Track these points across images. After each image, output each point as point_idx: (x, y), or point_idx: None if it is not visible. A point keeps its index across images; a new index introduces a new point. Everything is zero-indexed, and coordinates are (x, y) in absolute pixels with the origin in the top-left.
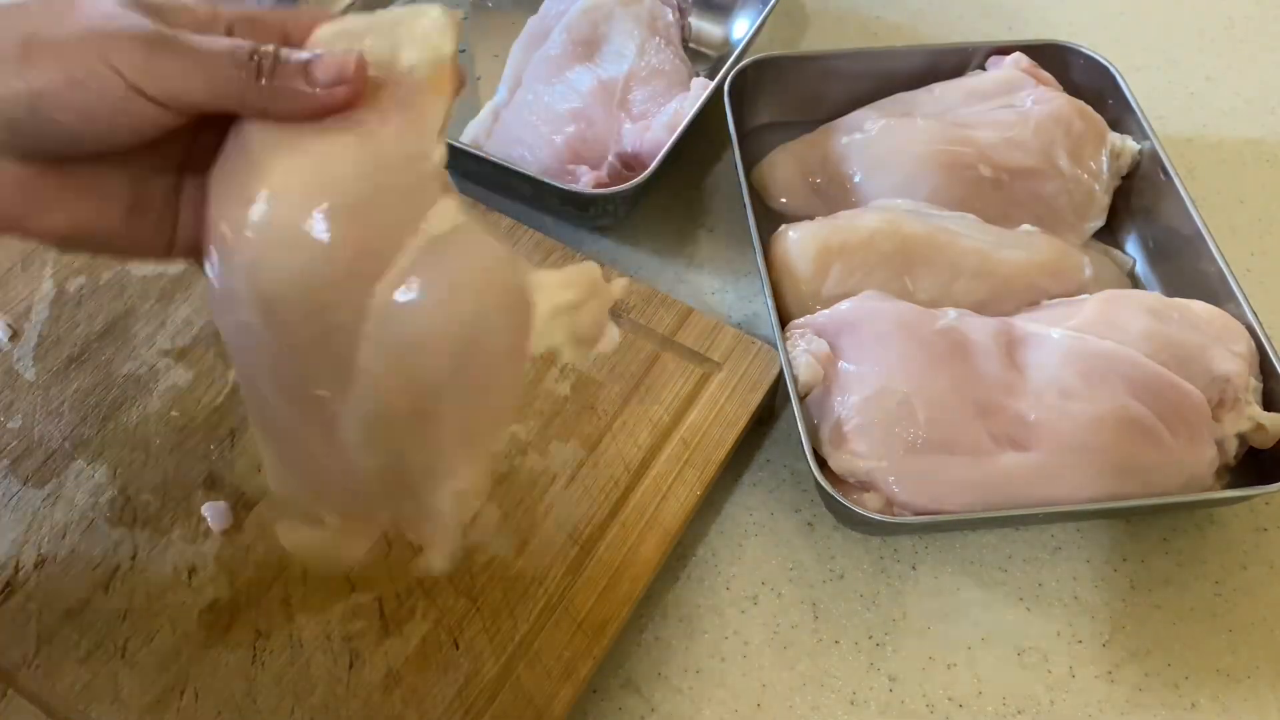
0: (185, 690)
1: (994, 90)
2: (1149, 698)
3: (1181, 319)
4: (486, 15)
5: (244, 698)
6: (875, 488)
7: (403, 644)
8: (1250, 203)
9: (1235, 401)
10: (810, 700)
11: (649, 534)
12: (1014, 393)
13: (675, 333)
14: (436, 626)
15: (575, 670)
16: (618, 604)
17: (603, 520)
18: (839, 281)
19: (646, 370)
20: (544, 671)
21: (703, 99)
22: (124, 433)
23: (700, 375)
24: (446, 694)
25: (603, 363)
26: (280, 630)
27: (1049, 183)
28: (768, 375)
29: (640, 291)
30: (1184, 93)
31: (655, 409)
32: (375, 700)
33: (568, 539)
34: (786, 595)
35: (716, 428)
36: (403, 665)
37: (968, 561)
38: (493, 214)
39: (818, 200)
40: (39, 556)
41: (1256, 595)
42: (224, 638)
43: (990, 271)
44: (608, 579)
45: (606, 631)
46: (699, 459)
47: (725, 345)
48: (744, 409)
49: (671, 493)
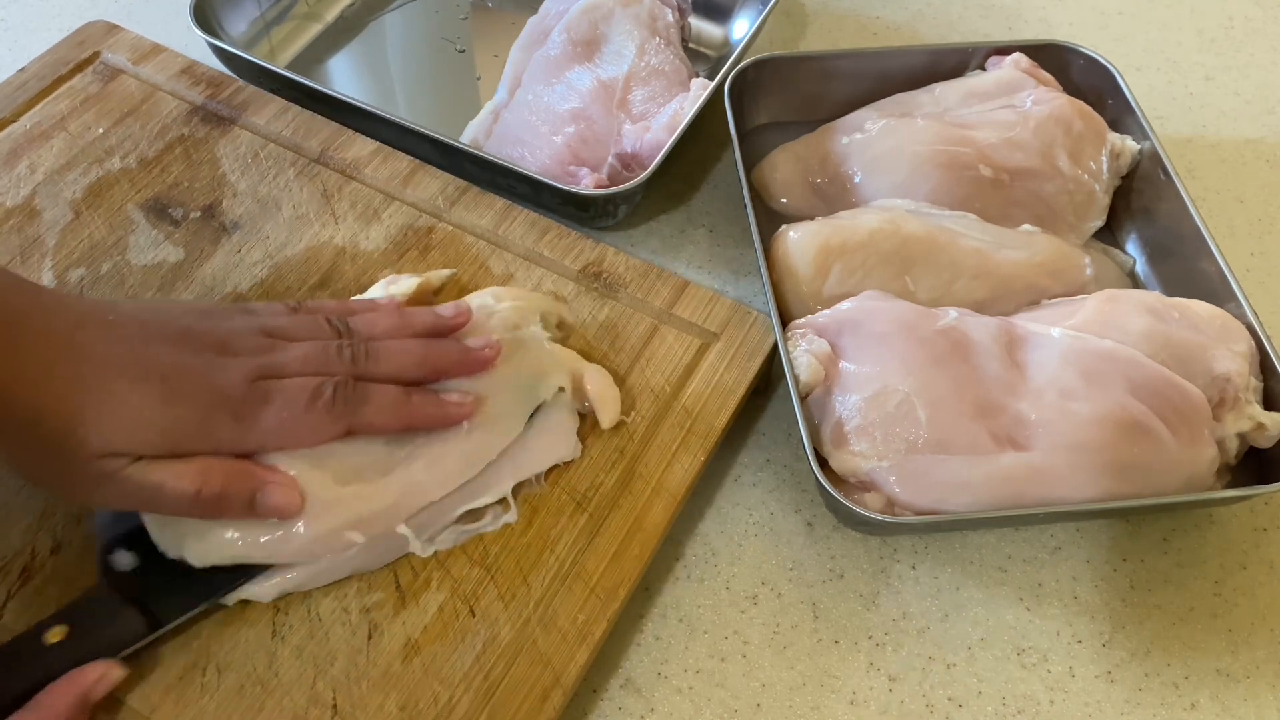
0: (208, 667)
1: (994, 90)
2: (1149, 698)
3: (1182, 318)
4: (486, 15)
5: (266, 671)
6: (876, 488)
7: (420, 614)
8: (1250, 203)
9: (1235, 401)
10: (810, 700)
11: (656, 500)
12: (1014, 392)
13: (673, 305)
14: (452, 596)
15: (590, 632)
16: (628, 567)
17: (610, 488)
18: (839, 281)
19: (646, 342)
20: (559, 635)
21: (703, 99)
22: None
23: (699, 346)
24: (465, 660)
25: (603, 337)
26: (297, 606)
27: (1049, 183)
28: (764, 344)
29: (636, 266)
30: (1184, 93)
31: (656, 379)
32: (395, 669)
33: (576, 507)
34: (786, 595)
35: (717, 396)
36: (421, 635)
37: (968, 561)
38: (486, 197)
39: (818, 200)
40: (54, 542)
41: (1256, 595)
42: (242, 615)
43: (990, 271)
44: (617, 544)
45: (618, 594)
46: (701, 426)
47: (722, 316)
48: (743, 377)
49: (676, 459)
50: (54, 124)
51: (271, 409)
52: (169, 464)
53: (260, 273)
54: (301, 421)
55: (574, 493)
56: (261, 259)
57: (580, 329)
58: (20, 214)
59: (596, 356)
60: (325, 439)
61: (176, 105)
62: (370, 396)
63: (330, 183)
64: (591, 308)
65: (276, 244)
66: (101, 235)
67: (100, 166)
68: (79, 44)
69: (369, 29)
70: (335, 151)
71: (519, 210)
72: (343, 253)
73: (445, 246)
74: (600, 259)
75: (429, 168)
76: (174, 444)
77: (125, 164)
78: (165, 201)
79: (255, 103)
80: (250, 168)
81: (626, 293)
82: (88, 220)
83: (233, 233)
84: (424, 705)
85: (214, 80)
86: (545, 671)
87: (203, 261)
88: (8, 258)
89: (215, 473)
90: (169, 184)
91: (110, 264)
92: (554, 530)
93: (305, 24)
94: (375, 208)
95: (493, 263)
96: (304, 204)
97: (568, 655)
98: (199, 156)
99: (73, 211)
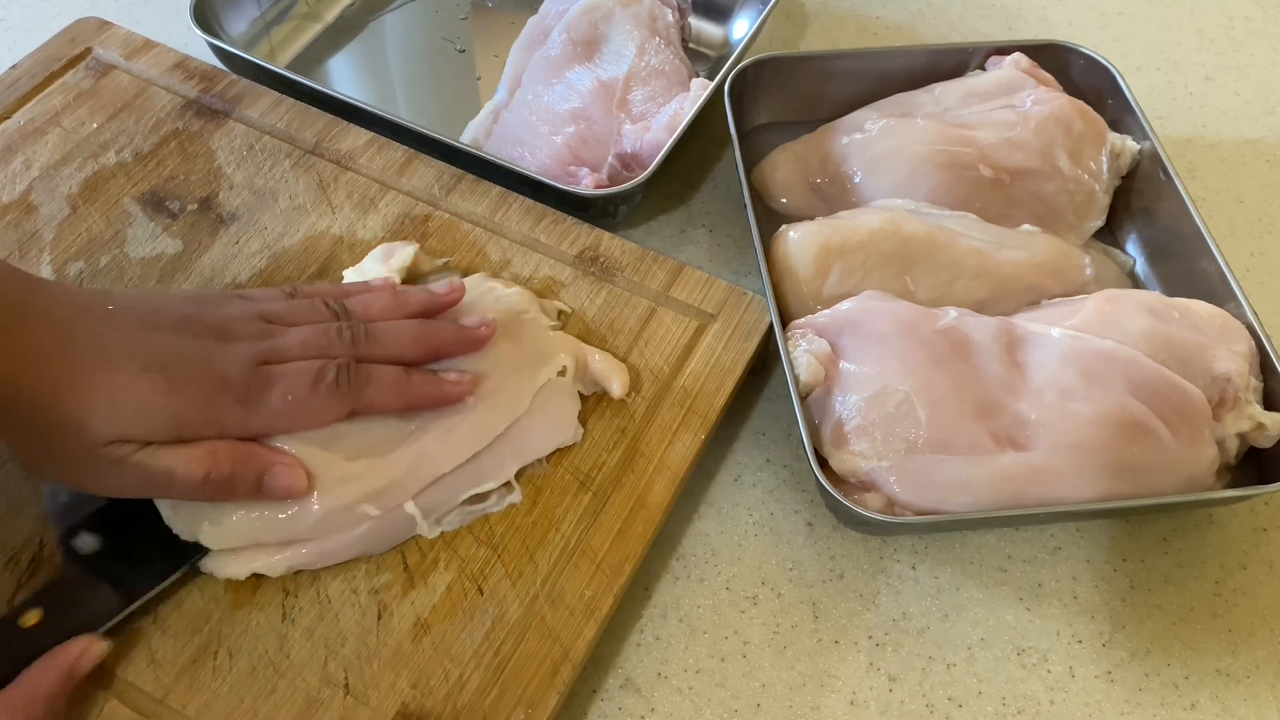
0: (219, 650)
1: (994, 90)
2: (1149, 698)
3: (1182, 318)
4: (486, 15)
5: (277, 653)
6: (876, 488)
7: (428, 594)
8: (1250, 203)
9: (1235, 401)
10: (810, 700)
11: (658, 477)
12: (1014, 392)
13: (669, 288)
14: (460, 575)
15: (598, 608)
16: (633, 543)
17: (613, 467)
18: (839, 281)
19: (644, 325)
20: (567, 611)
21: (703, 99)
22: None
23: (696, 327)
24: (474, 638)
25: (601, 319)
26: (306, 589)
27: (1049, 183)
28: (761, 324)
29: (632, 250)
30: (1184, 93)
31: (655, 360)
32: (406, 648)
33: (580, 486)
34: (786, 595)
35: (715, 375)
36: (430, 614)
37: (968, 561)
38: (483, 184)
39: (818, 200)
40: None
41: (1256, 595)
42: (252, 599)
43: (990, 271)
44: (621, 521)
45: (624, 570)
46: (701, 405)
47: (718, 298)
48: (740, 357)
49: (677, 438)
50: (48, 120)
51: (276, 392)
52: (177, 449)
53: (259, 263)
54: (307, 404)
55: (577, 472)
56: (260, 250)
57: (578, 312)
58: (17, 209)
59: (595, 339)
60: (330, 420)
61: (170, 99)
62: (372, 377)
63: (326, 173)
64: (589, 291)
65: (274, 234)
66: (99, 229)
67: (96, 161)
68: (70, 40)
69: (369, 29)
70: (330, 142)
71: (515, 197)
72: (340, 242)
73: (442, 234)
74: (596, 244)
75: (424, 156)
76: (180, 429)
77: (121, 158)
78: (162, 194)
79: (249, 96)
80: (246, 160)
81: (623, 276)
82: (85, 214)
83: (230, 224)
84: (435, 682)
85: (207, 74)
86: (554, 646)
87: (201, 253)
88: (5, 253)
89: (223, 456)
90: (165, 177)
91: (109, 257)
92: (558, 509)
93: (305, 24)
94: (371, 197)
95: (490, 249)
96: (300, 195)
97: (576, 630)
98: (194, 150)
99: (69, 206)
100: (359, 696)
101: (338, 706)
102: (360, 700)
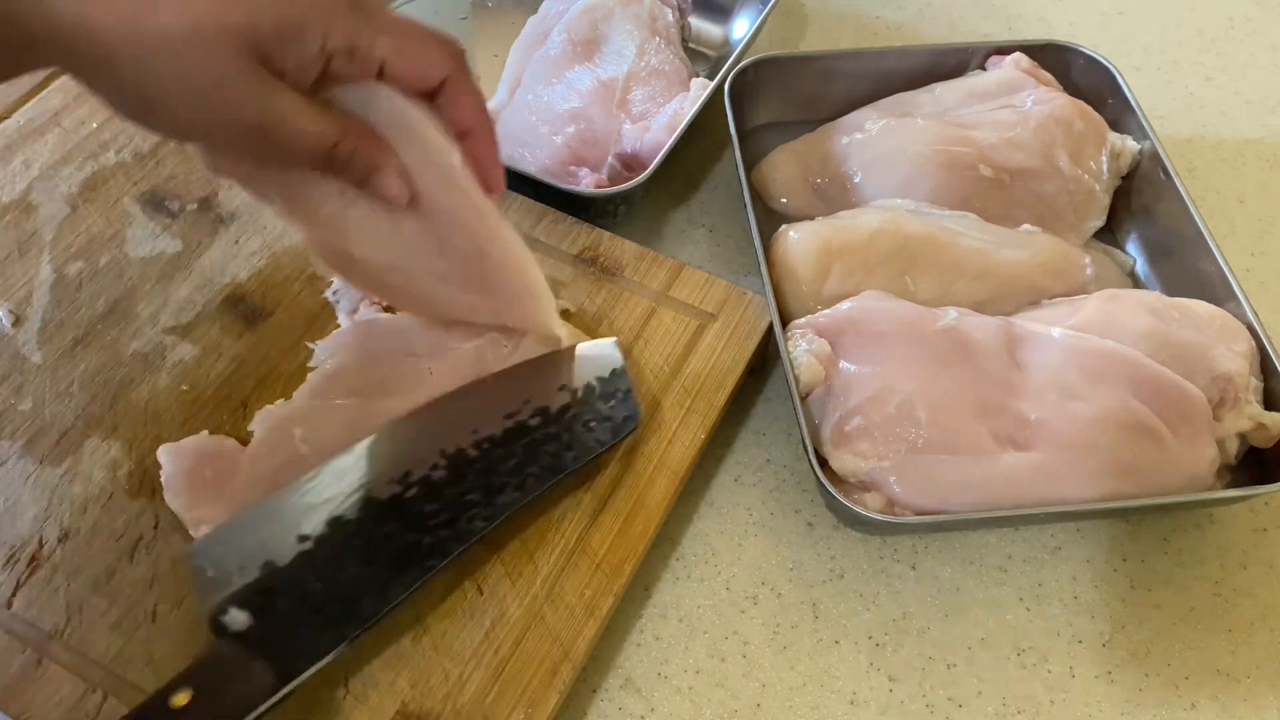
0: None
1: (994, 90)
2: (1149, 698)
3: (1182, 318)
4: (486, 15)
5: None
6: (876, 487)
7: (427, 594)
8: (1250, 203)
9: (1236, 401)
10: (810, 700)
11: (658, 477)
12: (1015, 392)
13: (669, 287)
14: (460, 575)
15: (597, 608)
16: (633, 543)
17: (613, 467)
18: (840, 281)
19: (644, 324)
20: (567, 611)
21: (703, 99)
22: (136, 409)
23: (696, 326)
24: (474, 638)
25: (602, 318)
26: None
27: (1049, 183)
28: (760, 323)
29: (632, 250)
30: (1184, 93)
31: (656, 359)
32: (405, 648)
33: (580, 486)
34: (786, 595)
35: (715, 375)
36: (430, 614)
37: (968, 561)
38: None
39: (818, 200)
40: (62, 531)
41: (1256, 595)
42: None
43: (991, 271)
44: (621, 521)
45: (624, 570)
46: (701, 405)
47: (718, 297)
48: (740, 356)
49: (677, 437)
50: (47, 120)
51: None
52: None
53: (259, 262)
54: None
55: (577, 472)
56: (259, 249)
57: (579, 312)
58: (16, 209)
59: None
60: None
61: None
62: None
63: None
64: (589, 291)
65: (274, 234)
66: (99, 228)
67: (95, 161)
68: None
69: None
70: None
71: (515, 197)
72: None
73: None
74: (596, 243)
75: None
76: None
77: (120, 158)
78: (161, 194)
79: None
80: None
81: (623, 276)
82: (85, 214)
83: (230, 223)
84: (435, 682)
85: None
86: (554, 646)
87: (201, 252)
88: (5, 252)
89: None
90: (164, 177)
91: (109, 256)
92: (558, 509)
93: None
94: None
95: None
96: None
97: (576, 630)
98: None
99: (69, 206)
100: (359, 695)
101: (337, 706)
102: (359, 699)
